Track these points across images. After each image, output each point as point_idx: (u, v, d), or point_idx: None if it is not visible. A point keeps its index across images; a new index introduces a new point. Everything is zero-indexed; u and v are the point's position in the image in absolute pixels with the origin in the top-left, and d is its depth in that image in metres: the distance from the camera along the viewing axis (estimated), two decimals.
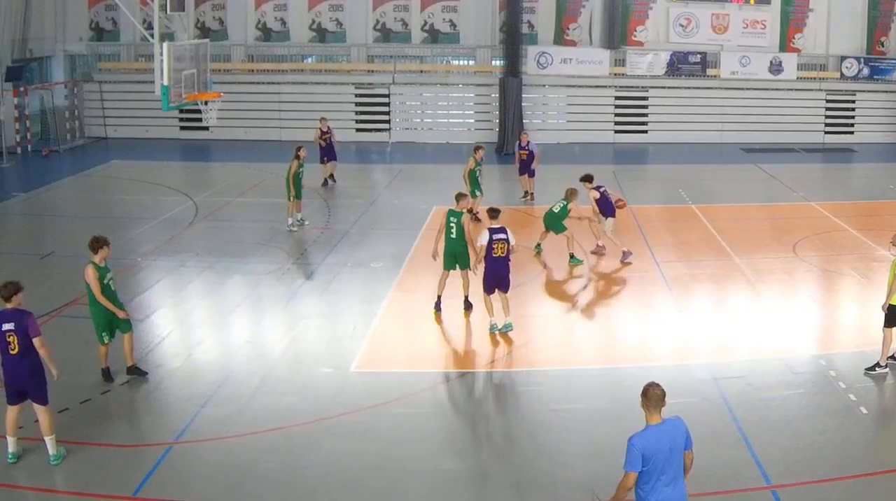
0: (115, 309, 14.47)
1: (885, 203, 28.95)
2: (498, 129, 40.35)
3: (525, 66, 40.50)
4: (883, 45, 41.98)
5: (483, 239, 17.05)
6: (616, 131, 42.21)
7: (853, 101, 42.22)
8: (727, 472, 11.81)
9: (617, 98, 42.08)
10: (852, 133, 42.29)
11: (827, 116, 42.30)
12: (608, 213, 22.22)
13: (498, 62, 40.99)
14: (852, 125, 42.42)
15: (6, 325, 11.83)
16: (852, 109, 42.34)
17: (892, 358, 15.11)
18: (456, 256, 17.96)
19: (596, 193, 22.21)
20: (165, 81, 23.70)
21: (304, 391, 14.68)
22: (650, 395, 8.81)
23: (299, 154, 24.74)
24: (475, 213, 23.83)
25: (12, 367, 11.88)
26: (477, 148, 26.44)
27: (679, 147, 40.79)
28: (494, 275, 17.06)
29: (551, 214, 22.03)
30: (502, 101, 39.93)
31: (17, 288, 12.12)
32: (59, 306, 18.07)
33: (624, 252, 22.00)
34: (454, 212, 17.95)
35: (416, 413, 14.04)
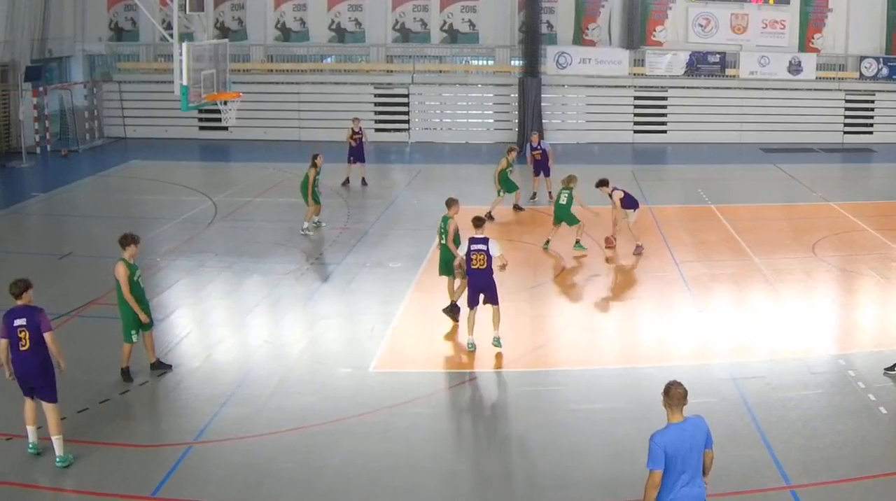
0: (139, 310, 14.52)
1: None
2: (517, 129, 40.36)
3: (544, 66, 40.48)
4: None
5: (462, 249, 16.47)
6: (635, 131, 42.10)
7: (872, 101, 41.96)
8: (746, 472, 11.76)
9: (636, 98, 42.00)
10: (871, 133, 42.04)
11: (846, 116, 42.07)
12: (633, 206, 22.58)
13: (517, 62, 41.01)
14: (871, 125, 42.16)
15: (18, 321, 11.91)
16: (871, 109, 42.07)
17: None
18: (448, 262, 17.59)
19: (620, 192, 22.45)
20: (185, 81, 23.81)
21: (322, 391, 14.68)
22: (672, 394, 8.81)
23: (316, 162, 24.27)
24: (488, 214, 24.24)
25: (22, 362, 11.95)
26: (510, 149, 27.19)
27: (698, 147, 40.63)
28: (475, 288, 16.18)
29: (560, 206, 22.48)
30: (521, 101, 39.96)
31: (27, 285, 12.22)
32: (78, 306, 18.14)
33: (637, 245, 22.38)
34: (444, 218, 17.79)
35: (435, 413, 14.06)
